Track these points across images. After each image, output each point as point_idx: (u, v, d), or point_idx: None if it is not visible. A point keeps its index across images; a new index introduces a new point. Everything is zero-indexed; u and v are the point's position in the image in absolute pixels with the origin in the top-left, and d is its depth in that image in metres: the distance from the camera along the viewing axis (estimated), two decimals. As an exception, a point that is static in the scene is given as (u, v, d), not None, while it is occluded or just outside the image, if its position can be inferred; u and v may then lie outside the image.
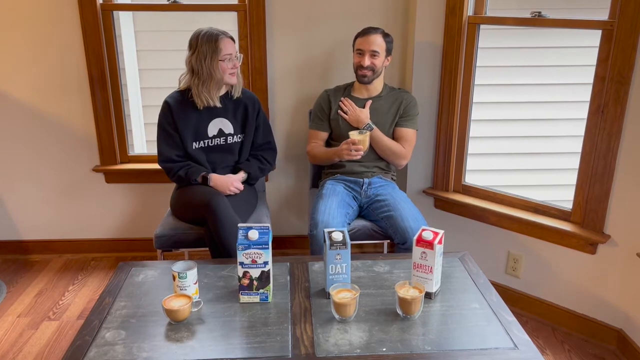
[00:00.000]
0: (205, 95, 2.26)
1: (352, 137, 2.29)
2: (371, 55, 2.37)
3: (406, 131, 2.46)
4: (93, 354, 1.43)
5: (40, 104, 2.83)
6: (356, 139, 2.28)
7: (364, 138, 2.29)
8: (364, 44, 2.37)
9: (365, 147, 2.30)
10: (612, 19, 2.07)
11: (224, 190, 2.27)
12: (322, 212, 2.22)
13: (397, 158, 2.45)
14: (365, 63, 2.36)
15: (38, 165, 2.93)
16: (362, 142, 2.28)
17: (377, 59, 2.38)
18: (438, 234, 1.65)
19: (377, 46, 2.36)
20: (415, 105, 2.50)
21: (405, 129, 2.46)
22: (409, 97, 2.50)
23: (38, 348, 2.31)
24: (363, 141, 2.29)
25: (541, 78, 3.41)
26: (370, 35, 2.37)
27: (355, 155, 2.29)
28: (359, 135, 2.29)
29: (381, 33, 2.39)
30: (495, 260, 2.63)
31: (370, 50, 2.36)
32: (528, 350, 1.45)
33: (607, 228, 2.24)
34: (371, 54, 2.36)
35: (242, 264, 1.62)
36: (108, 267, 2.99)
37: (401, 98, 2.48)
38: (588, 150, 2.24)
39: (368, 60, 2.37)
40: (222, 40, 2.20)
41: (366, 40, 2.37)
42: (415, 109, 2.49)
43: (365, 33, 2.39)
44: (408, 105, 2.47)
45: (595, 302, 2.35)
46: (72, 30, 2.70)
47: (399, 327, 1.54)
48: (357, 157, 2.31)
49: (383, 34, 2.39)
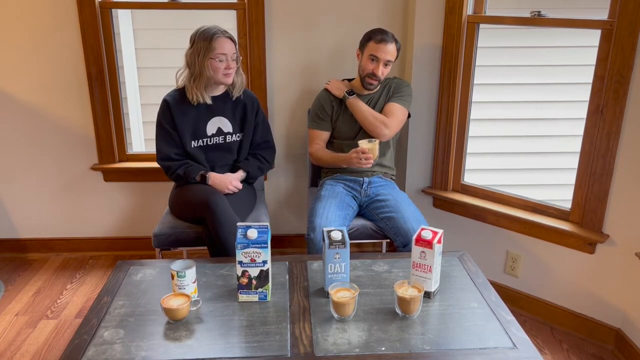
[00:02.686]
0: (195, 92, 2.25)
1: (361, 145, 2.26)
2: (384, 64, 2.34)
3: (392, 105, 2.40)
4: (91, 353, 1.43)
5: (38, 102, 2.82)
6: (366, 147, 2.25)
7: (373, 146, 2.27)
8: (379, 52, 2.31)
9: (375, 156, 2.28)
10: (612, 19, 2.07)
11: (222, 189, 2.26)
12: (320, 216, 2.21)
13: (379, 124, 2.34)
14: (379, 73, 2.34)
15: (36, 163, 2.93)
16: (371, 150, 2.26)
17: (387, 69, 2.37)
18: (437, 233, 1.65)
19: (391, 56, 2.33)
20: (406, 85, 2.46)
21: (391, 104, 2.41)
22: (398, 80, 2.48)
23: (36, 347, 2.30)
24: (372, 149, 2.27)
25: (540, 77, 3.41)
26: (387, 44, 2.31)
27: (365, 164, 2.27)
28: (368, 144, 2.27)
29: (394, 40, 2.34)
30: (494, 260, 2.63)
31: (386, 60, 2.33)
32: (527, 349, 1.45)
33: (606, 228, 2.25)
34: (385, 63, 2.34)
35: (240, 263, 1.62)
36: (106, 266, 2.98)
37: (390, 83, 2.47)
38: (587, 149, 2.24)
39: (381, 70, 2.34)
40: (217, 40, 2.19)
41: (383, 48, 2.31)
42: (405, 88, 2.44)
43: (381, 40, 2.31)
44: (398, 85, 2.45)
45: (594, 302, 2.35)
46: (71, 28, 2.69)
47: (398, 326, 1.54)
48: (368, 165, 2.28)
49: (395, 40, 2.35)
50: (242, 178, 2.38)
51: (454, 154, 2.66)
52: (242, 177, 2.38)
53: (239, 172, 2.38)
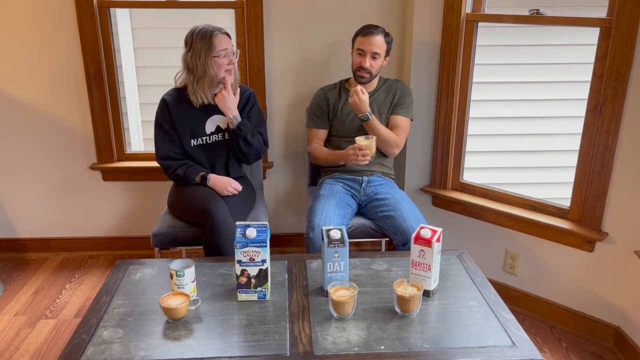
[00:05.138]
0: (200, 93, 2.25)
1: (358, 142, 2.26)
2: (372, 56, 2.35)
3: (400, 119, 2.45)
4: (90, 353, 1.43)
5: (37, 102, 2.81)
6: (363, 144, 2.25)
7: (370, 143, 2.27)
8: (365, 44, 2.35)
9: (372, 153, 2.28)
10: (610, 17, 2.07)
11: (221, 191, 2.26)
12: (319, 215, 2.21)
13: (391, 147, 2.42)
14: (366, 65, 2.35)
15: (35, 163, 2.92)
16: (368, 147, 2.26)
17: (377, 61, 2.37)
18: (436, 231, 1.65)
19: (378, 47, 2.34)
20: (410, 94, 2.49)
21: (399, 117, 2.45)
22: (403, 86, 2.50)
23: (35, 347, 2.30)
24: (369, 146, 2.26)
25: (539, 76, 3.42)
26: (372, 36, 2.34)
27: (362, 161, 2.27)
28: (365, 141, 2.26)
29: (382, 33, 2.36)
30: (493, 258, 2.64)
31: (372, 52, 2.34)
32: (526, 347, 1.45)
33: (605, 226, 2.25)
34: (372, 55, 2.35)
35: (239, 262, 1.62)
36: (105, 266, 2.98)
37: (395, 88, 2.48)
38: (586, 148, 2.24)
39: (369, 62, 2.35)
40: (216, 37, 2.19)
41: (368, 40, 2.34)
42: (409, 97, 2.48)
43: (367, 33, 2.35)
44: (403, 94, 2.47)
45: (593, 300, 2.35)
46: (69, 27, 2.69)
47: (397, 325, 1.54)
48: (365, 162, 2.28)
49: (384, 33, 2.37)
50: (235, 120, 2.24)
51: (453, 153, 2.66)
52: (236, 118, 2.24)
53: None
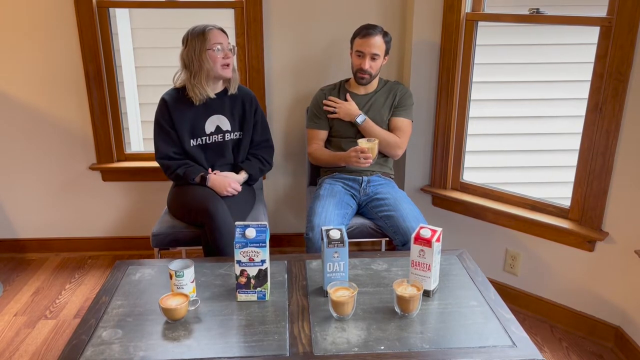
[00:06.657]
0: (198, 88, 2.24)
1: (360, 145, 2.26)
2: (371, 58, 2.34)
3: (401, 121, 2.45)
4: (89, 353, 1.42)
5: (36, 102, 2.81)
6: (365, 147, 2.25)
7: (373, 146, 2.27)
8: (364, 46, 2.34)
9: (374, 155, 2.28)
10: (610, 16, 2.07)
11: (221, 191, 2.25)
12: (318, 215, 2.21)
13: (393, 148, 2.42)
14: (366, 66, 2.35)
15: (34, 163, 2.92)
16: (370, 150, 2.26)
17: (376, 62, 2.37)
18: (436, 231, 1.64)
19: (377, 48, 2.34)
20: (410, 96, 2.49)
21: (400, 119, 2.45)
22: (403, 88, 2.50)
23: (34, 347, 2.30)
24: (372, 149, 2.26)
25: (539, 75, 3.41)
26: (371, 37, 2.33)
27: (364, 163, 2.27)
28: (367, 143, 2.26)
29: (381, 33, 2.36)
30: (493, 258, 2.63)
31: (371, 54, 2.34)
32: (526, 347, 1.44)
33: (605, 225, 2.24)
34: (371, 56, 2.34)
35: (239, 262, 1.61)
36: (105, 266, 2.98)
37: (395, 89, 2.48)
38: (586, 147, 2.24)
39: (368, 63, 2.34)
40: (210, 31, 2.21)
41: (367, 42, 2.33)
42: (410, 99, 2.48)
43: (365, 34, 2.34)
44: (403, 96, 2.47)
45: (593, 300, 2.35)
46: (68, 27, 2.69)
47: (397, 325, 1.53)
48: (366, 165, 2.28)
49: (382, 33, 2.37)
50: (243, 180, 2.37)
51: (452, 152, 2.66)
52: (244, 178, 2.37)
53: (242, 173, 2.37)
